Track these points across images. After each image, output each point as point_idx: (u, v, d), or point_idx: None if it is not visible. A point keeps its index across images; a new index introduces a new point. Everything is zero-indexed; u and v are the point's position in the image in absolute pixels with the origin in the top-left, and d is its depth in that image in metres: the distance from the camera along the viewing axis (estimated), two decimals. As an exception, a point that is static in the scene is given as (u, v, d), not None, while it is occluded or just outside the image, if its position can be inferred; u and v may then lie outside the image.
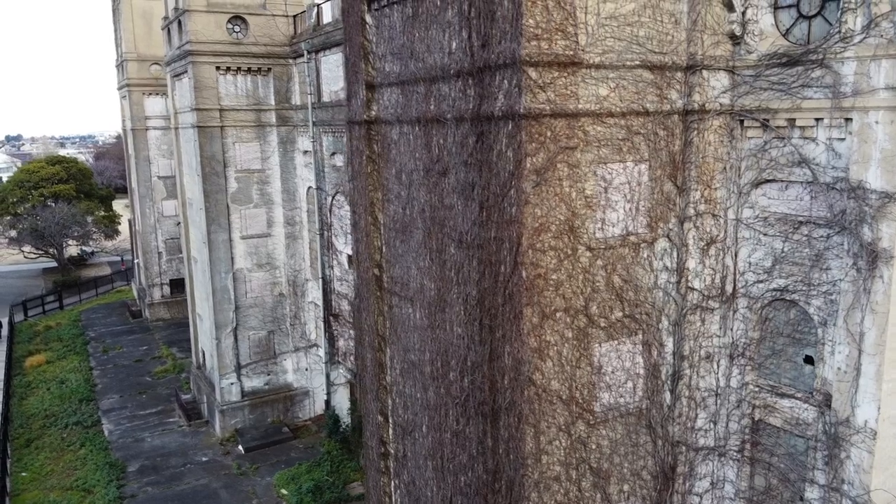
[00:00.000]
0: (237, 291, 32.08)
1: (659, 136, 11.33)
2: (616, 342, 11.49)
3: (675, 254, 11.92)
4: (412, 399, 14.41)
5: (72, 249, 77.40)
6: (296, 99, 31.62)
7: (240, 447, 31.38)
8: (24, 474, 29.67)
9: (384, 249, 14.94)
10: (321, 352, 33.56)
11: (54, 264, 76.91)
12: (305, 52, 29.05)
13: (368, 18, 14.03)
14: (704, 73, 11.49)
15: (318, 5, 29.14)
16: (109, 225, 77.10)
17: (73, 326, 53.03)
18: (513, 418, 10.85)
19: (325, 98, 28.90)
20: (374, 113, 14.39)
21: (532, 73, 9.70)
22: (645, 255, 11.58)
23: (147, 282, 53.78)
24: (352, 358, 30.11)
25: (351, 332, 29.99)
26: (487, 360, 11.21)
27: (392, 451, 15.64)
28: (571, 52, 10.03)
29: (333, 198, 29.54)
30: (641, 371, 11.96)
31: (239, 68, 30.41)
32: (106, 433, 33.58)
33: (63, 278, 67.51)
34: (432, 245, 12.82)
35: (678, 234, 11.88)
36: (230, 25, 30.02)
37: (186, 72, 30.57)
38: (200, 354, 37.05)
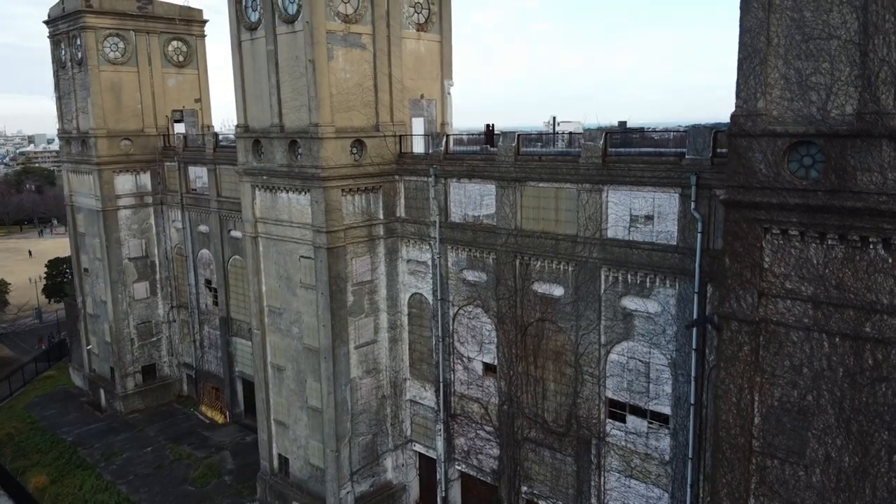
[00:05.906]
0: (351, 400, 32.67)
1: None
2: None
3: None
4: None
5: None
6: (400, 212, 33.05)
7: (367, 554, 32.11)
8: None
9: (758, 420, 18.63)
10: (419, 447, 35.13)
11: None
12: (433, 176, 30.82)
13: (764, 244, 17.73)
14: None
15: (448, 136, 31.09)
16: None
17: (34, 429, 47.59)
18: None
19: (455, 219, 30.93)
20: (761, 314, 18.06)
21: None
22: None
23: (120, 371, 49.70)
24: (478, 456, 32.32)
25: (478, 431, 32.25)
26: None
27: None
28: None
29: (461, 308, 31.60)
30: None
31: (358, 188, 31.26)
32: (209, 561, 32.25)
33: (-33, 367, 59.14)
34: (851, 429, 16.91)
35: None
36: (350, 148, 30.82)
37: (308, 191, 30.74)
38: (276, 460, 36.49)
